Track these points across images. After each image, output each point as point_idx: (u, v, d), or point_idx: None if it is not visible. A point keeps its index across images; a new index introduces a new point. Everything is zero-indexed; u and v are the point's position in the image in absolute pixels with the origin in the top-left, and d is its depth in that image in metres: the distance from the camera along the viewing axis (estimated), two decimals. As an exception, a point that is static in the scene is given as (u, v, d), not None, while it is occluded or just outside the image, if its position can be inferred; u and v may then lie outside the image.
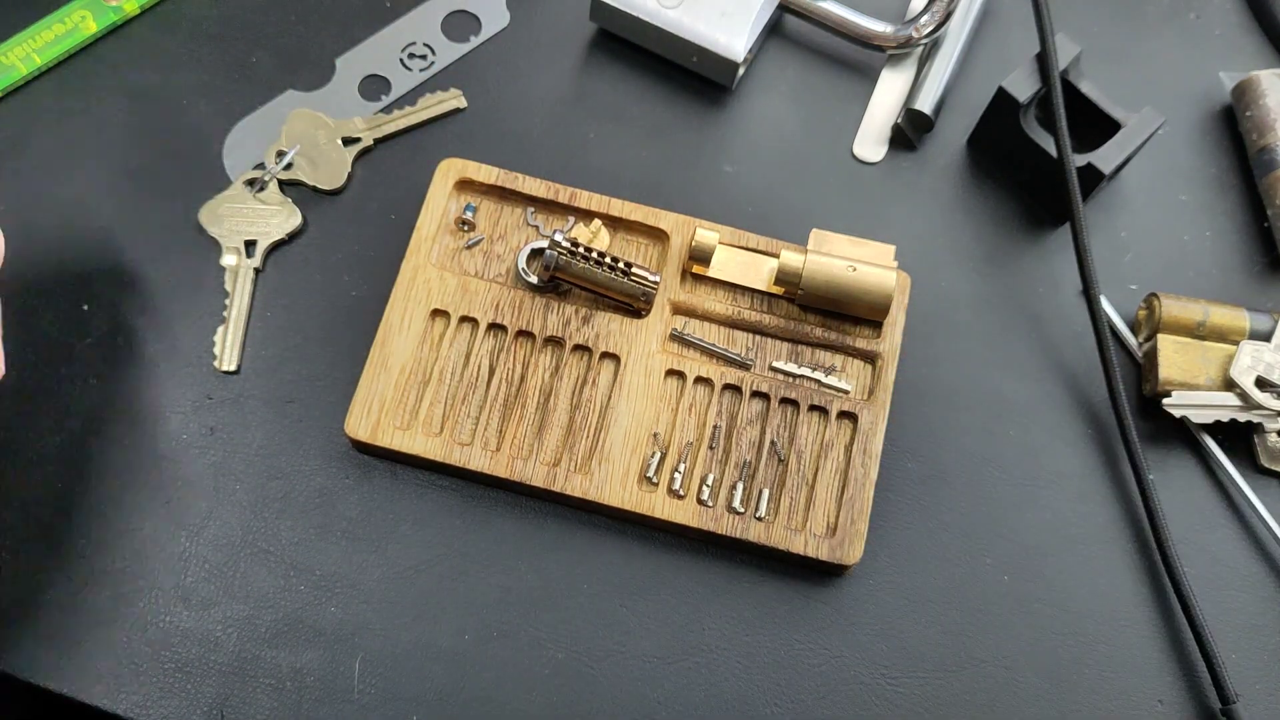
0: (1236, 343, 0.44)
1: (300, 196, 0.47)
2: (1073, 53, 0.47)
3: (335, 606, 0.41)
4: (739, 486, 0.42)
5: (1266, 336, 0.45)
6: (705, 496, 0.42)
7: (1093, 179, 0.45)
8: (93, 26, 0.49)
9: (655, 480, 0.42)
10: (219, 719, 0.39)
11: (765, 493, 0.42)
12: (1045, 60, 0.46)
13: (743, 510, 0.42)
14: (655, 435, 0.43)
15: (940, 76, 0.50)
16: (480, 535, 0.42)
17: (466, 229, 0.46)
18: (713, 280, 0.45)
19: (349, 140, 0.48)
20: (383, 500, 0.42)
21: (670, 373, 0.44)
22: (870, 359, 0.44)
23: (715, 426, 0.43)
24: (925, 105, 0.49)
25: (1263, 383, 0.44)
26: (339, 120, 0.48)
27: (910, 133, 0.50)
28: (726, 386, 0.44)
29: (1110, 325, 0.46)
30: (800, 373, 0.44)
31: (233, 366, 0.44)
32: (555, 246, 0.43)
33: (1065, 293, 0.48)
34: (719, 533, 0.41)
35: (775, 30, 0.52)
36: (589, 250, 0.43)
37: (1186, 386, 0.44)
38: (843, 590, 0.42)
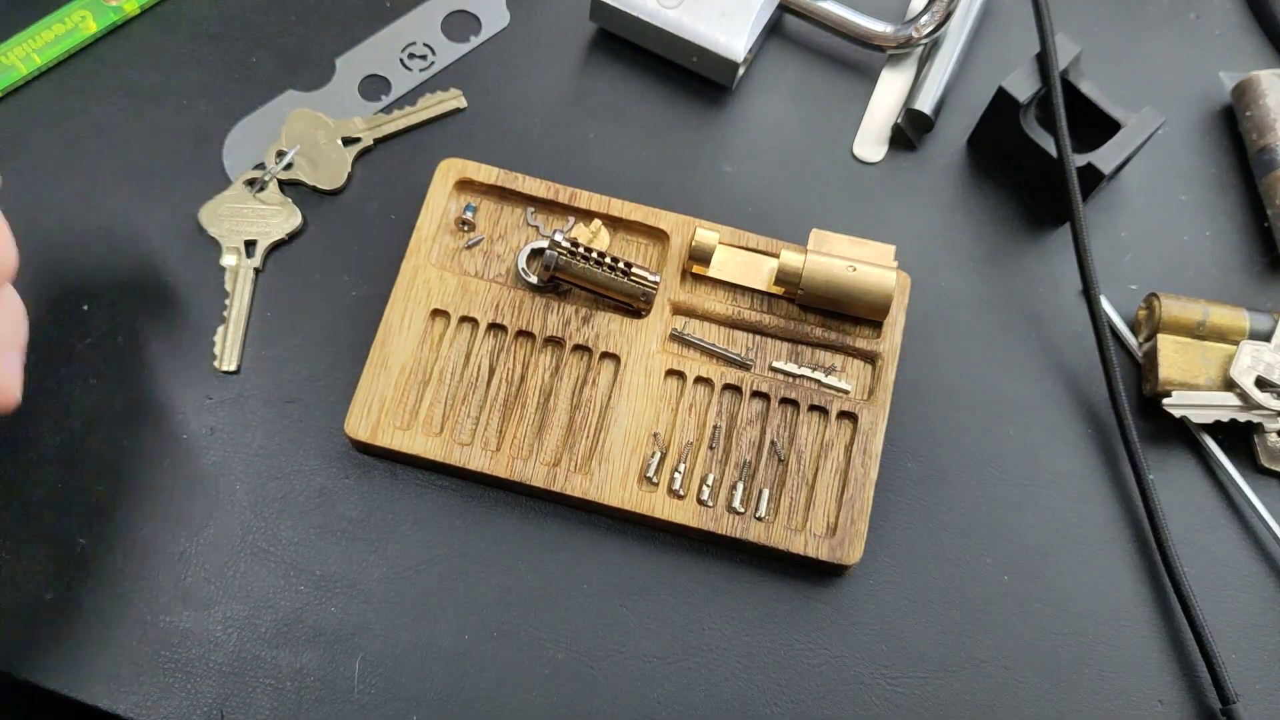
0: (1236, 343, 0.44)
1: (300, 196, 0.47)
2: (1073, 53, 0.47)
3: (335, 606, 0.41)
4: (739, 486, 0.42)
5: (1266, 336, 0.45)
6: (705, 496, 0.42)
7: (1093, 179, 0.45)
8: (93, 26, 0.49)
9: (655, 480, 0.42)
10: (219, 719, 0.39)
11: (765, 493, 0.42)
12: (1045, 60, 0.46)
13: (743, 510, 0.42)
14: (655, 435, 0.43)
15: (940, 76, 0.50)
16: (480, 535, 0.42)
17: (466, 229, 0.46)
18: (713, 280, 0.45)
19: (349, 140, 0.48)
20: (383, 500, 0.42)
21: (670, 373, 0.44)
22: (870, 359, 0.44)
23: (715, 426, 0.43)
24: (925, 105, 0.49)
25: (1263, 383, 0.44)
26: (339, 120, 0.48)
27: (910, 133, 0.50)
28: (726, 386, 0.44)
29: (1110, 325, 0.46)
30: (800, 373, 0.44)
31: (233, 366, 0.44)
32: (555, 246, 0.43)
33: (1065, 293, 0.48)
34: (719, 533, 0.41)
35: (775, 30, 0.52)
36: (589, 250, 0.43)
37: (1186, 386, 0.44)
38: (843, 590, 0.42)
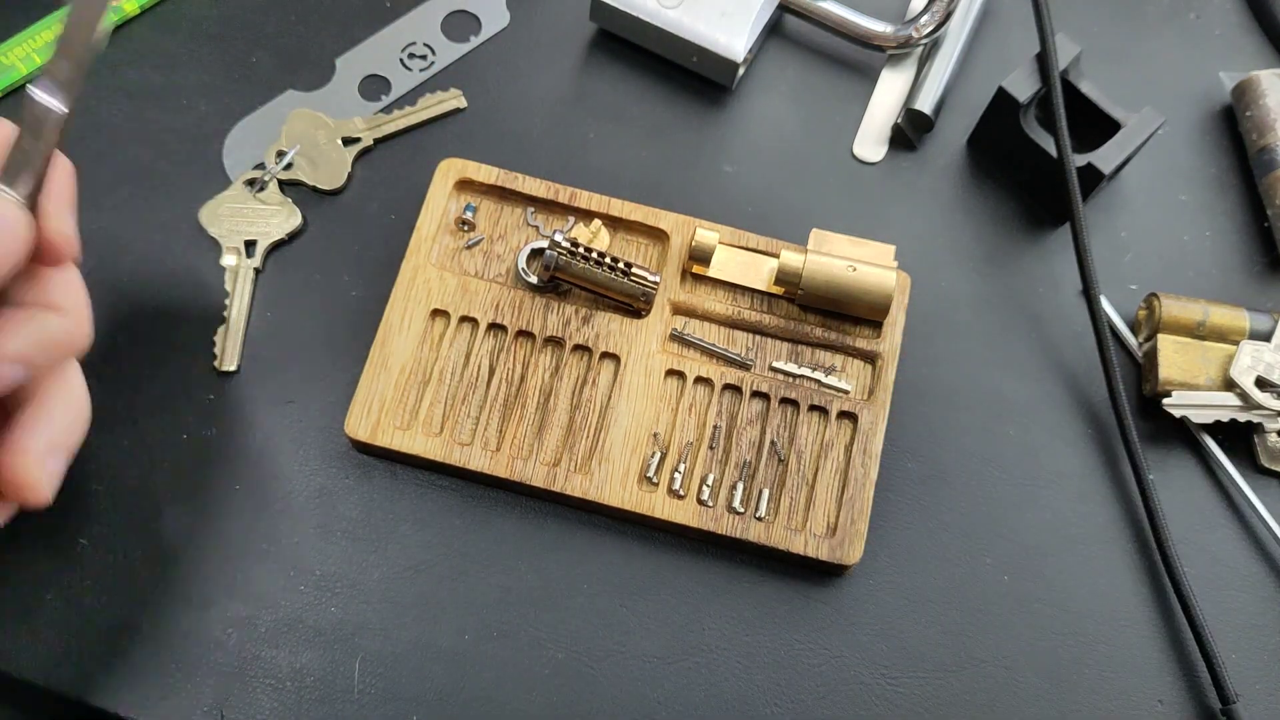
0: (1236, 343, 0.44)
1: (300, 196, 0.47)
2: (1073, 53, 0.47)
3: (335, 606, 0.41)
4: (739, 486, 0.42)
5: (1266, 336, 0.45)
6: (705, 496, 0.42)
7: (1093, 179, 0.45)
8: (93, 26, 0.49)
9: (655, 480, 0.42)
10: (219, 719, 0.39)
11: (765, 493, 0.42)
12: (1045, 60, 0.46)
13: (743, 510, 0.42)
14: (655, 435, 0.43)
15: (940, 76, 0.50)
16: (480, 535, 0.42)
17: (466, 229, 0.46)
18: (713, 280, 0.45)
19: (349, 140, 0.48)
20: (383, 500, 0.42)
21: (670, 373, 0.44)
22: (870, 359, 0.44)
23: (715, 426, 0.43)
24: (925, 105, 0.49)
25: (1263, 383, 0.44)
26: (339, 120, 0.48)
27: (910, 133, 0.50)
28: (726, 386, 0.44)
29: (1110, 325, 0.46)
30: (800, 373, 0.44)
31: (233, 366, 0.44)
32: (555, 246, 0.43)
33: (1065, 293, 0.48)
34: (719, 533, 0.41)
35: (775, 30, 0.52)
36: (589, 250, 0.43)
37: (1186, 386, 0.44)
38: (843, 590, 0.42)
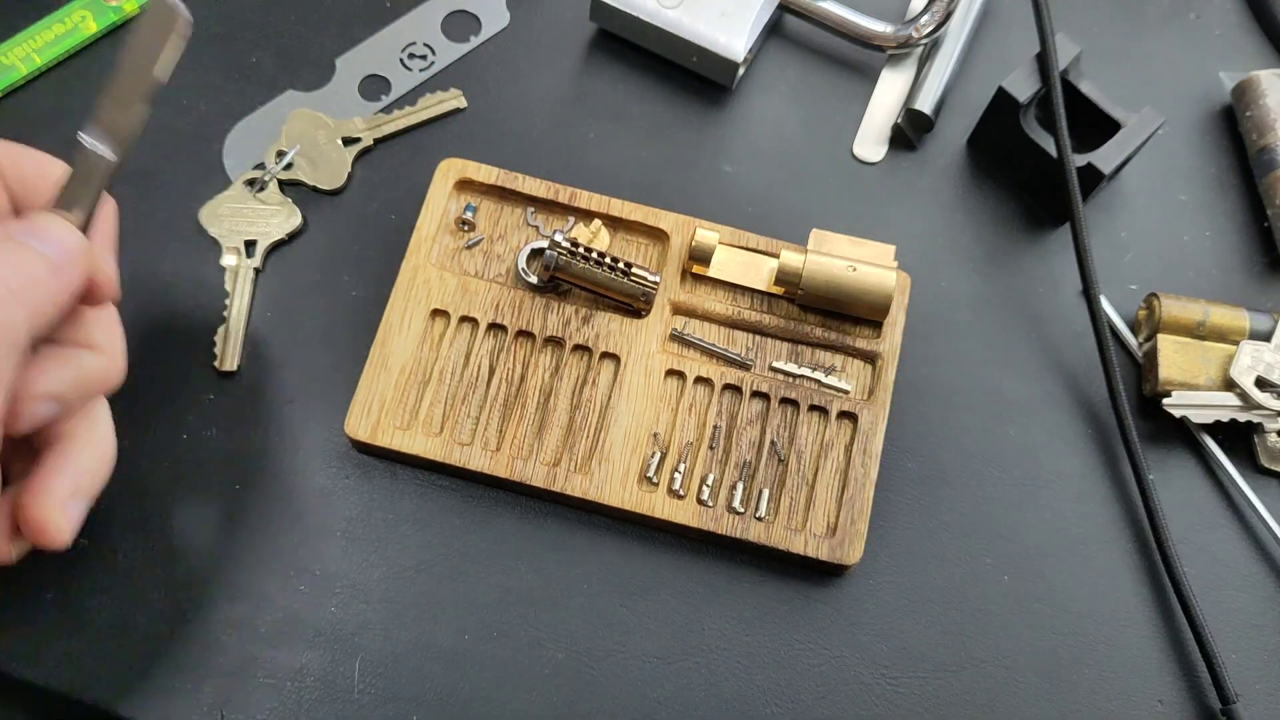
0: (1236, 343, 0.44)
1: (300, 196, 0.47)
2: (1073, 53, 0.47)
3: (335, 606, 0.41)
4: (739, 486, 0.42)
5: (1266, 336, 0.45)
6: (705, 496, 0.42)
7: (1093, 179, 0.45)
8: (93, 26, 0.49)
9: (655, 480, 0.42)
10: (219, 719, 0.39)
11: (765, 493, 0.42)
12: (1045, 60, 0.46)
13: (743, 510, 0.42)
14: (655, 435, 0.43)
15: (940, 76, 0.50)
16: (480, 535, 0.42)
17: (466, 229, 0.46)
18: (713, 280, 0.45)
19: (349, 140, 0.48)
20: (383, 500, 0.42)
21: (670, 373, 0.44)
22: (870, 359, 0.44)
23: (715, 426, 0.43)
24: (925, 105, 0.49)
25: (1263, 383, 0.44)
26: (339, 120, 0.48)
27: (910, 133, 0.50)
28: (726, 386, 0.44)
29: (1110, 325, 0.46)
30: (800, 373, 0.44)
31: (233, 366, 0.44)
32: (555, 246, 0.43)
33: (1065, 293, 0.48)
34: (719, 533, 0.41)
35: (775, 30, 0.52)
36: (589, 250, 0.43)
37: (1186, 386, 0.44)
38: (843, 590, 0.42)
